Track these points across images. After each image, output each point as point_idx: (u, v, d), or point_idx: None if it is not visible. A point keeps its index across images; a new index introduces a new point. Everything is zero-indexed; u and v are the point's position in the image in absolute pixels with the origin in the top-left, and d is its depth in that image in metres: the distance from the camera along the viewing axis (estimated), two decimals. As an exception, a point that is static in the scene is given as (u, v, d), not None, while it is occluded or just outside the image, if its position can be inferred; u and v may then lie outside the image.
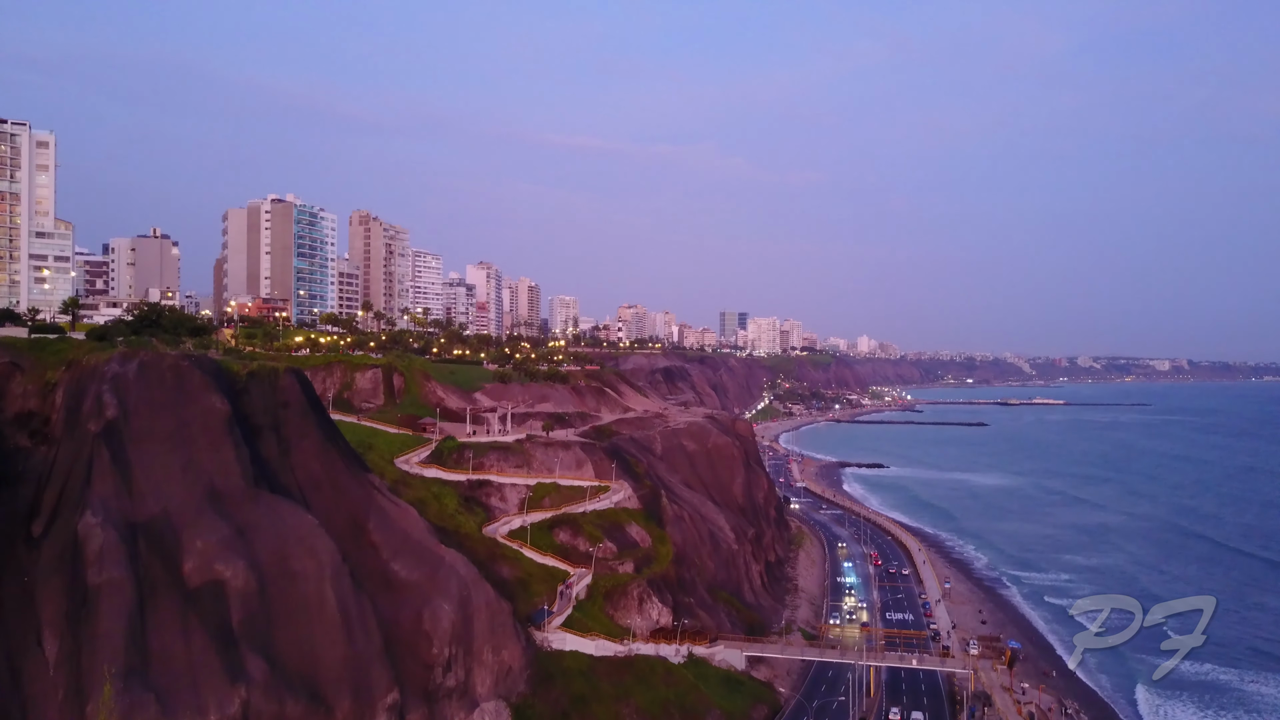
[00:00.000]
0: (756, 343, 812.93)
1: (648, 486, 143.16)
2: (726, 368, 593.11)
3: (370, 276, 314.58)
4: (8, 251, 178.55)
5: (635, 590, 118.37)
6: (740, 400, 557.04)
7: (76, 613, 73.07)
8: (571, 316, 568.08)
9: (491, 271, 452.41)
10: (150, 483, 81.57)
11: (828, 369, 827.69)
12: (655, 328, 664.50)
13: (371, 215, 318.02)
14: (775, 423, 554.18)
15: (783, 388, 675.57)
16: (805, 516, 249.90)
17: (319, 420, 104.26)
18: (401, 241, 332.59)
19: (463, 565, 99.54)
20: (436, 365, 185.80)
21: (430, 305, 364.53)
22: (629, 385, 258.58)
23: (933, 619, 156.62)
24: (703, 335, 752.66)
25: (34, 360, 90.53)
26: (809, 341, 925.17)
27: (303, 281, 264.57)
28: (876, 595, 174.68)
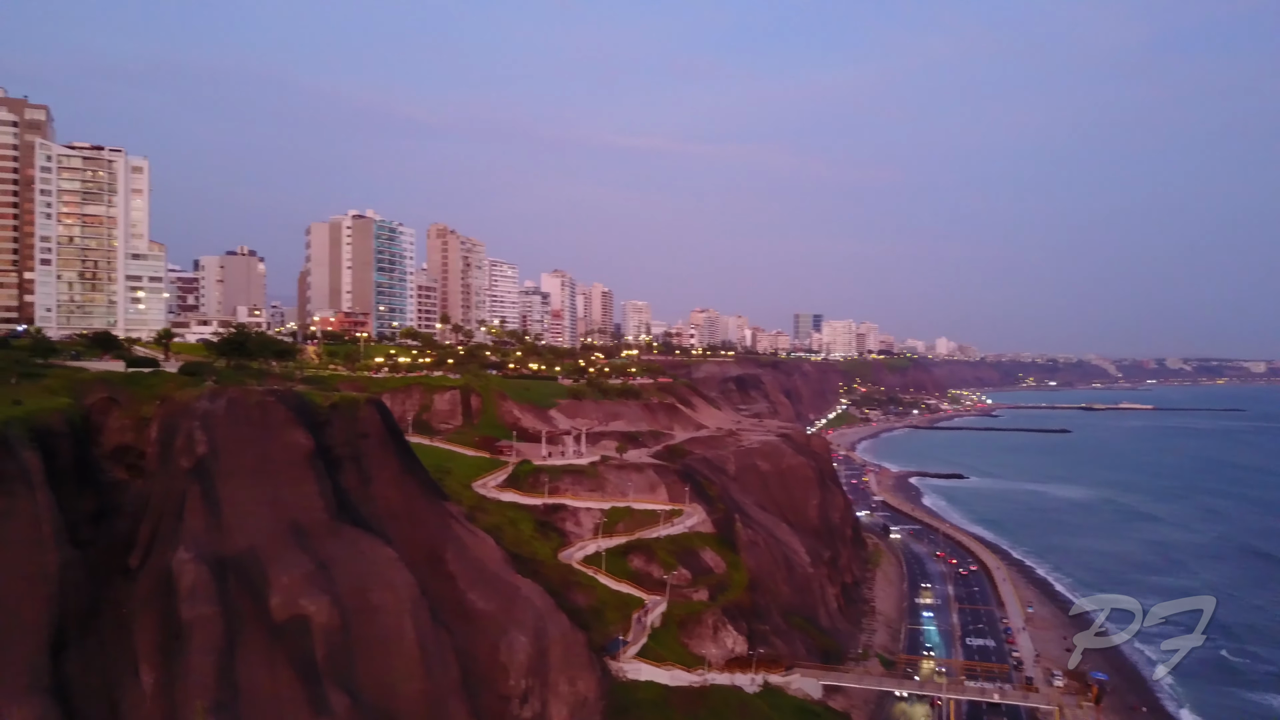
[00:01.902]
0: (831, 346, 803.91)
1: (721, 510, 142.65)
2: (800, 373, 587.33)
3: (448, 289, 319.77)
4: (105, 273, 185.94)
5: (710, 619, 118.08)
6: (815, 406, 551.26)
7: (170, 645, 75.88)
8: (644, 322, 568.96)
9: (565, 279, 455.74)
10: (238, 518, 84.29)
11: (905, 372, 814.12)
12: (728, 332, 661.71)
13: (449, 229, 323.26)
14: (851, 429, 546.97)
15: (859, 392, 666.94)
16: (882, 532, 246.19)
17: (398, 450, 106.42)
18: (478, 254, 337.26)
19: (538, 596, 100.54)
20: (512, 383, 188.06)
21: (506, 314, 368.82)
22: (701, 397, 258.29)
23: (1015, 647, 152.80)
24: (776, 339, 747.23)
25: (130, 395, 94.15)
26: (885, 344, 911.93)
27: (383, 296, 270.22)
28: (956, 619, 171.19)
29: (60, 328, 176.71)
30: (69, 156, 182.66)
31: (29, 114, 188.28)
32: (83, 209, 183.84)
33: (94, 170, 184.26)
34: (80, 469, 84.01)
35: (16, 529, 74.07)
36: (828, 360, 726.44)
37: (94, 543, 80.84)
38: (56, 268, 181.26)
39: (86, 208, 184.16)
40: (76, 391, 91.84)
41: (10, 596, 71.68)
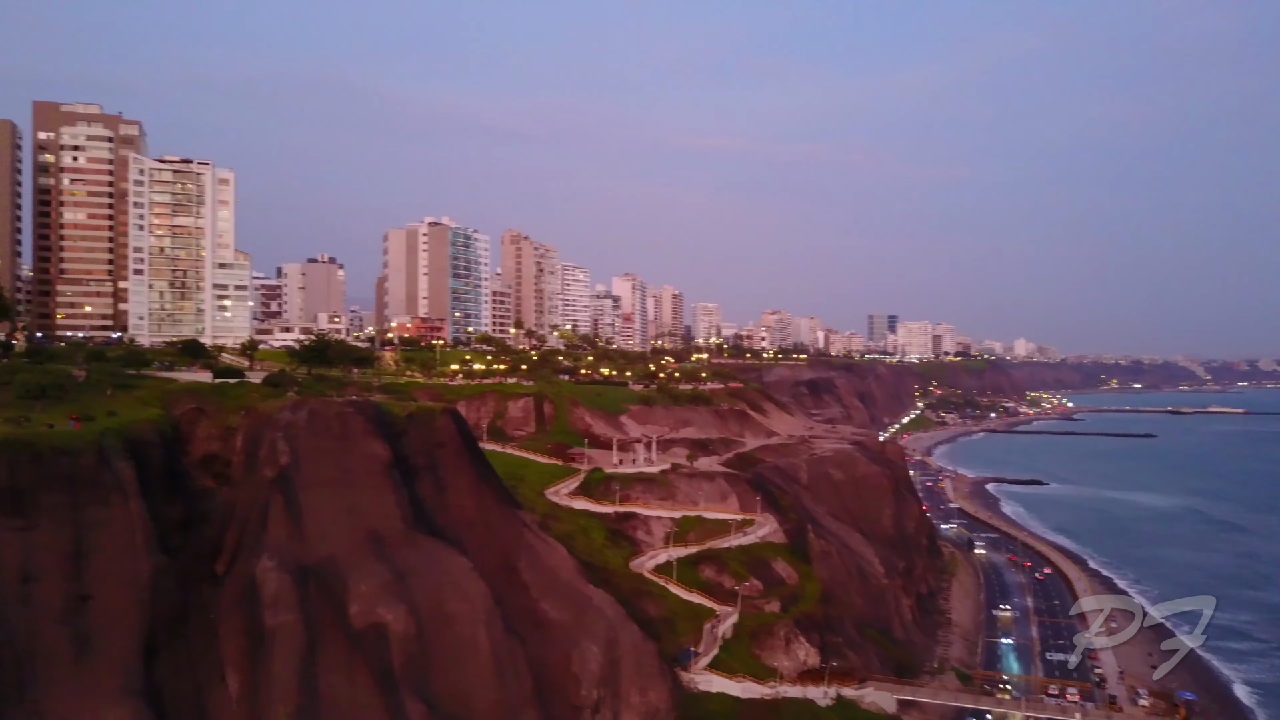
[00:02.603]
0: (907, 348, 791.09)
1: (793, 520, 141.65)
2: (875, 375, 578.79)
3: (522, 294, 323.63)
4: (194, 283, 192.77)
5: (782, 630, 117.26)
6: (889, 410, 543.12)
7: (254, 651, 78.33)
8: (714, 324, 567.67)
9: (636, 283, 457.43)
10: (318, 527, 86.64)
11: (982, 375, 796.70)
12: (800, 334, 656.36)
13: (523, 234, 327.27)
14: (927, 433, 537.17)
15: (935, 395, 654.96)
16: (959, 541, 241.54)
17: (473, 459, 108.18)
18: (551, 259, 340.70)
19: (610, 606, 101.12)
20: (583, 389, 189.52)
21: (578, 318, 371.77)
22: (773, 402, 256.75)
23: (1098, 663, 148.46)
24: (849, 340, 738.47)
25: (217, 405, 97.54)
26: (963, 346, 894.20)
27: (458, 301, 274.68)
28: (1035, 632, 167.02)
29: (152, 335, 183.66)
30: (160, 170, 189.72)
31: (123, 129, 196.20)
32: (173, 220, 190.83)
33: (183, 183, 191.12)
34: (170, 478, 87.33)
35: (112, 536, 77.31)
36: (903, 362, 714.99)
37: (183, 549, 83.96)
38: (148, 277, 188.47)
39: (176, 219, 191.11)
40: (167, 402, 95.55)
41: (106, 602, 74.82)
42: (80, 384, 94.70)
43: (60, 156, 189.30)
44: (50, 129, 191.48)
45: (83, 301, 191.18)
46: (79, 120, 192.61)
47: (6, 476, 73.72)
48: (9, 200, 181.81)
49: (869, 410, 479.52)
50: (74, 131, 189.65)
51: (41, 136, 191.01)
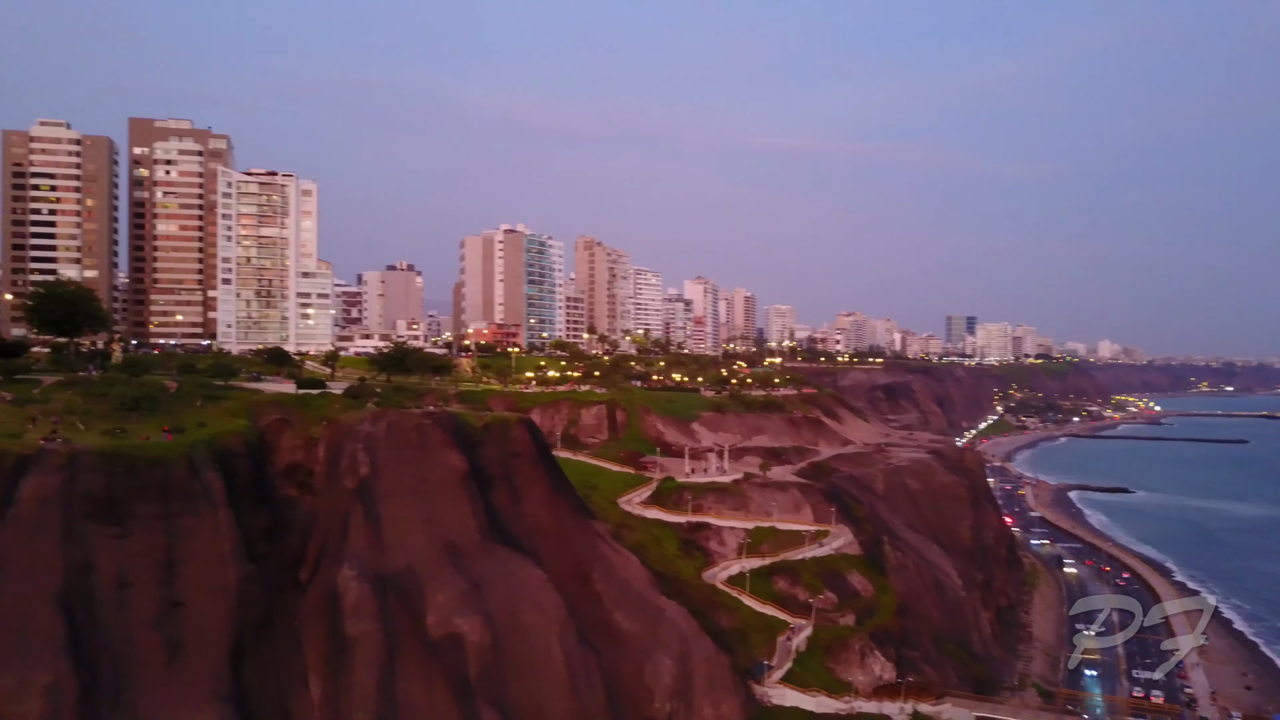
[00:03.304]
0: (986, 350, 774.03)
1: (869, 531, 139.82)
2: (953, 378, 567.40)
3: (594, 300, 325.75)
4: (279, 291, 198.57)
5: (857, 644, 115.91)
6: (968, 414, 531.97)
7: (336, 658, 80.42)
8: (788, 327, 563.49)
9: (708, 286, 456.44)
10: (397, 537, 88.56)
11: (1064, 377, 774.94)
12: (875, 336, 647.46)
13: (595, 240, 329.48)
14: (1007, 438, 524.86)
15: (1015, 399, 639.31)
16: (1040, 551, 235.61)
17: (548, 468, 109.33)
18: (623, 264, 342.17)
19: (683, 618, 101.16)
20: (655, 395, 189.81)
21: (650, 322, 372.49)
22: (847, 408, 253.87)
23: (1187, 682, 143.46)
24: (927, 342, 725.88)
25: (300, 416, 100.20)
26: (1044, 347, 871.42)
27: (533, 307, 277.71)
28: (1120, 648, 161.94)
29: (239, 342, 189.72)
30: (246, 182, 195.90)
31: (213, 143, 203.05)
32: (258, 231, 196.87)
33: (269, 195, 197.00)
34: (256, 487, 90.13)
35: (201, 545, 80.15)
36: (981, 365, 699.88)
37: (268, 557, 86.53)
38: (236, 286, 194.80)
39: (262, 229, 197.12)
40: (253, 413, 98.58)
41: (196, 608, 77.60)
42: (172, 395, 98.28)
43: (154, 170, 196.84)
44: (145, 144, 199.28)
45: (174, 310, 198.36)
46: (171, 135, 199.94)
47: (104, 487, 77.03)
48: (107, 213, 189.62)
49: (947, 415, 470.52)
50: (167, 146, 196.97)
51: (137, 151, 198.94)
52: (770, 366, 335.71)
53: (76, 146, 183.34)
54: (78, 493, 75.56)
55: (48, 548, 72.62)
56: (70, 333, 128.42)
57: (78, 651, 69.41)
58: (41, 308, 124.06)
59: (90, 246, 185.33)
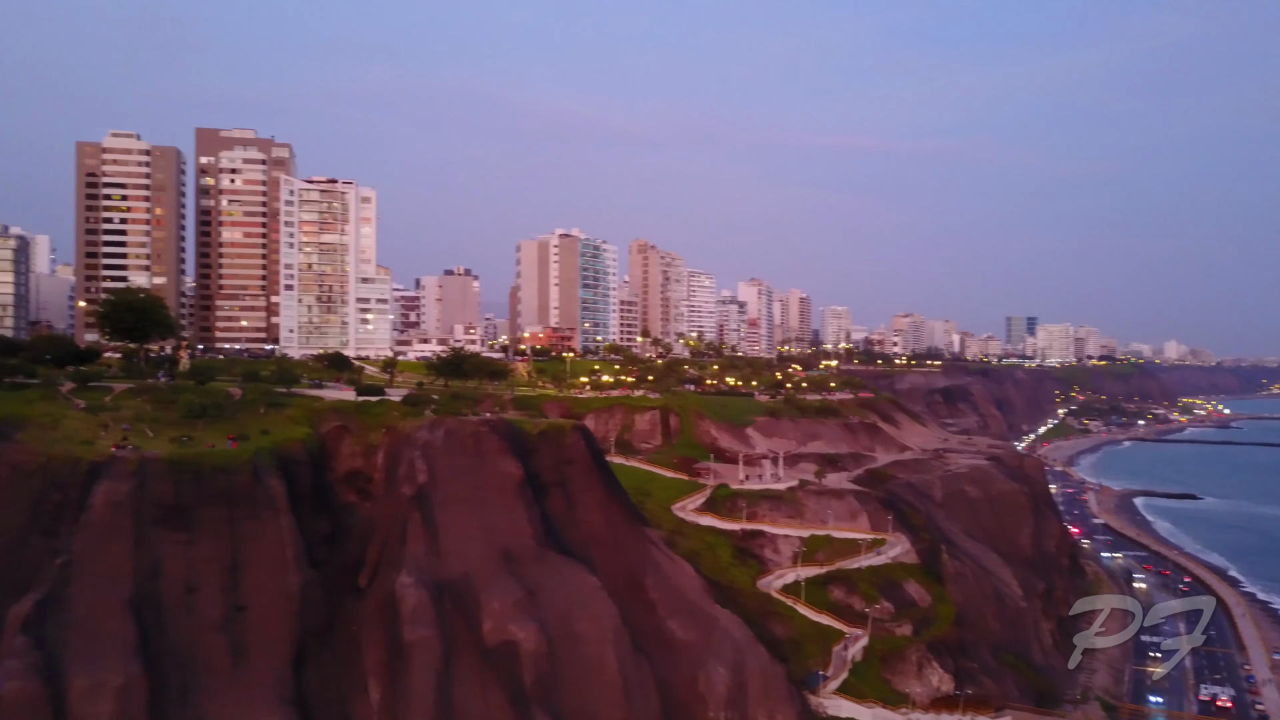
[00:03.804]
0: (1047, 351, 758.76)
1: (926, 539, 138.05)
2: (1013, 381, 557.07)
3: (648, 303, 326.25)
4: (339, 297, 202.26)
5: (914, 655, 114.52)
6: (1028, 417, 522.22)
7: (394, 664, 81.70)
8: (843, 329, 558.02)
9: (762, 288, 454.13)
10: (454, 544, 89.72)
11: (1129, 379, 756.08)
12: (933, 337, 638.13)
13: (649, 244, 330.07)
14: (1069, 441, 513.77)
15: (1077, 401, 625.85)
16: (1104, 559, 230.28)
17: (602, 475, 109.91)
18: (677, 267, 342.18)
19: (737, 627, 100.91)
20: (709, 400, 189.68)
21: (703, 324, 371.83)
22: (905, 413, 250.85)
23: (1260, 698, 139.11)
24: (986, 344, 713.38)
25: (360, 423, 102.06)
26: (1107, 349, 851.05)
27: (587, 311, 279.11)
28: (1188, 662, 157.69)
29: (300, 347, 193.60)
30: (308, 190, 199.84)
31: (275, 152, 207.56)
32: (319, 237, 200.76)
33: (329, 202, 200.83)
34: (317, 493, 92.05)
35: (264, 550, 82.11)
36: (1042, 367, 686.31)
37: (328, 563, 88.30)
38: (298, 292, 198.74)
39: (323, 236, 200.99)
40: (314, 420, 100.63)
41: (260, 612, 79.52)
42: (237, 402, 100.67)
43: (219, 179, 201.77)
44: (210, 153, 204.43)
45: (239, 315, 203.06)
46: (236, 144, 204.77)
47: (172, 493, 79.36)
48: (175, 221, 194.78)
49: (1006, 418, 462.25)
50: (231, 155, 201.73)
51: (203, 161, 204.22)
52: (826, 370, 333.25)
53: (146, 157, 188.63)
54: (147, 499, 77.99)
55: (119, 553, 75.07)
56: (140, 339, 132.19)
57: (147, 654, 71.62)
58: (113, 315, 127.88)
59: (159, 254, 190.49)
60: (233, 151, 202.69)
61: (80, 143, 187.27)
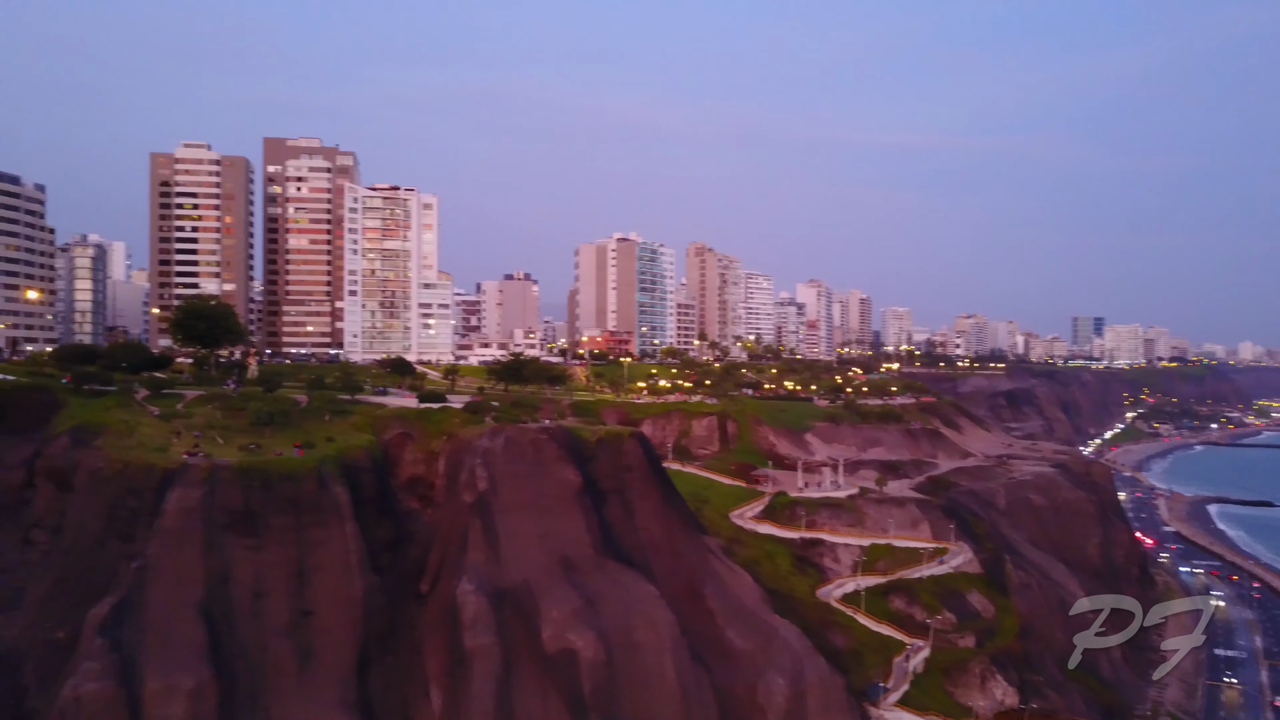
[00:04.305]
0: (1114, 352, 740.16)
1: (990, 549, 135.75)
2: (1079, 383, 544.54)
3: (705, 306, 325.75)
4: (401, 302, 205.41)
5: (977, 667, 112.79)
6: (1095, 420, 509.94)
7: (455, 670, 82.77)
8: (905, 330, 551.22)
9: (821, 289, 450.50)
10: (513, 551, 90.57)
11: (1201, 381, 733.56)
12: (997, 338, 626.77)
13: (706, 246, 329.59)
14: (1138, 446, 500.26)
15: (1147, 404, 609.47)
16: (1175, 570, 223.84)
17: (660, 483, 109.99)
18: (735, 269, 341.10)
19: (796, 637, 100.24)
20: (767, 405, 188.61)
21: (761, 327, 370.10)
22: (968, 418, 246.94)
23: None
24: (1051, 344, 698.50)
25: (422, 430, 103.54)
26: (1178, 350, 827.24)
27: (644, 315, 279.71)
28: (1265, 677, 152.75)
29: (364, 352, 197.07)
30: (371, 197, 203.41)
31: (340, 160, 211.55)
32: (382, 244, 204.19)
33: (392, 209, 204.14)
34: (380, 500, 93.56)
35: (330, 556, 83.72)
36: (1110, 368, 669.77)
37: (391, 569, 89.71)
38: (361, 298, 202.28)
39: (385, 242, 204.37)
40: (377, 427, 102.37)
41: (325, 617, 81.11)
42: (303, 410, 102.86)
43: (286, 187, 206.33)
44: (278, 162, 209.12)
45: (305, 320, 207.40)
46: (302, 153, 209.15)
47: (241, 500, 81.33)
48: (243, 228, 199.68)
49: (1073, 421, 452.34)
50: (298, 164, 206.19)
51: (270, 169, 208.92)
52: (886, 372, 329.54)
53: (216, 166, 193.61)
54: (218, 505, 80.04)
55: (191, 558, 77.15)
56: (210, 345, 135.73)
57: (217, 657, 73.54)
58: (185, 322, 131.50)
59: (228, 261, 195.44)
60: (299, 160, 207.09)
61: (154, 154, 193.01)
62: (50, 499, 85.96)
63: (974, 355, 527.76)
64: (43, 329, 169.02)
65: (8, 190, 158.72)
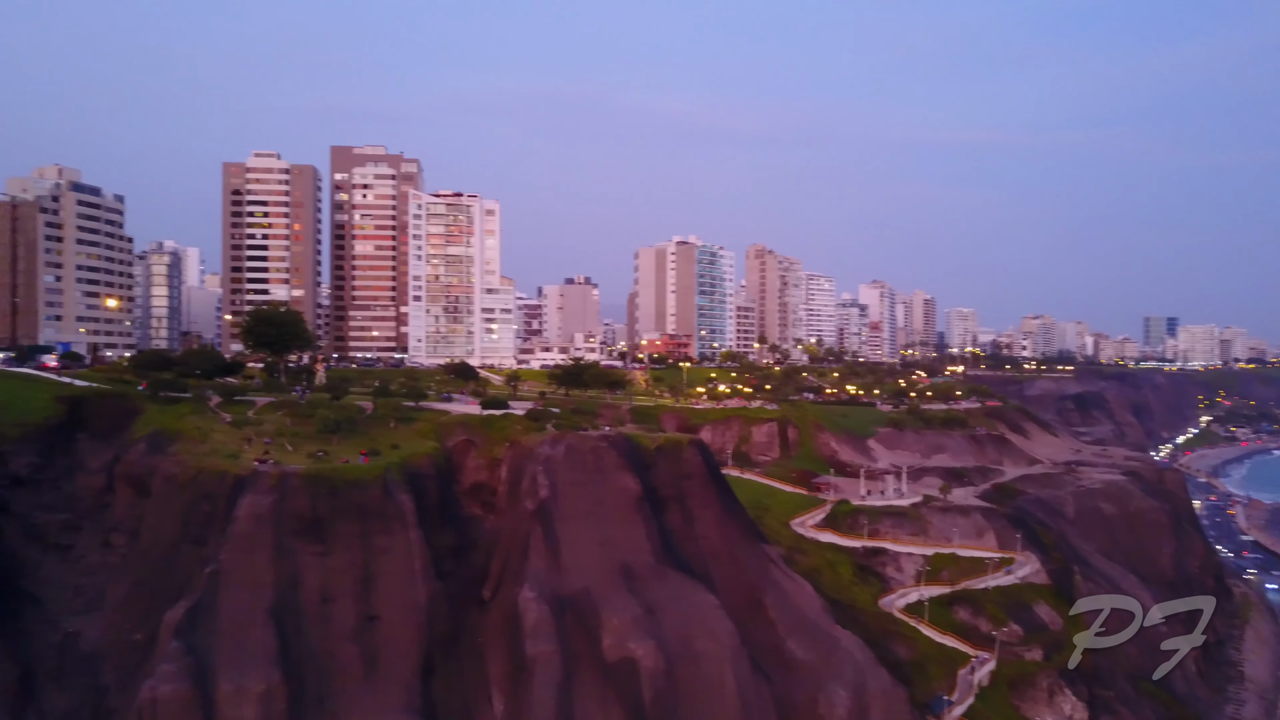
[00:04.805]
0: (1188, 354, 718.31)
1: (1057, 560, 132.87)
2: (1151, 385, 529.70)
3: (765, 309, 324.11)
4: (464, 307, 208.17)
5: (1045, 681, 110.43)
6: (1168, 423, 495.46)
7: (517, 677, 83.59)
8: (970, 331, 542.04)
9: (884, 290, 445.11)
10: (574, 559, 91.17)
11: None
12: (1065, 340, 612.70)
13: (767, 249, 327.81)
14: (1214, 450, 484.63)
15: (1223, 407, 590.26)
16: (1254, 580, 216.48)
17: (719, 490, 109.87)
18: (795, 271, 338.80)
19: (858, 649, 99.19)
20: (829, 411, 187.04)
21: (823, 329, 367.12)
22: (1035, 423, 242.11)
23: None
24: (1122, 346, 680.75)
25: (484, 437, 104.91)
26: (1256, 351, 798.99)
27: (704, 318, 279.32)
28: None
29: (428, 356, 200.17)
30: (435, 204, 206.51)
31: (404, 167, 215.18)
32: (446, 250, 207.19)
33: (455, 215, 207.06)
34: (443, 506, 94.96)
35: (394, 563, 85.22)
36: (1184, 370, 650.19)
37: (454, 575, 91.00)
38: (425, 303, 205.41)
39: (449, 248, 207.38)
40: (441, 434, 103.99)
41: (391, 623, 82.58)
42: (369, 417, 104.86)
43: (352, 195, 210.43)
44: (344, 170, 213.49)
45: (371, 325, 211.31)
46: (368, 161, 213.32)
47: (309, 507, 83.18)
48: (311, 235, 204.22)
49: (1144, 425, 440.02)
50: (364, 172, 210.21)
51: (338, 177, 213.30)
52: (951, 375, 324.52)
53: (286, 175, 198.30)
54: (287, 512, 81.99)
55: (262, 563, 79.18)
56: (280, 351, 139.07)
57: (287, 661, 75.36)
58: (255, 329, 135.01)
59: (297, 267, 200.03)
60: (365, 168, 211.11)
61: (227, 163, 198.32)
62: (129, 503, 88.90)
63: (1041, 357, 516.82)
64: (122, 335, 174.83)
65: (89, 202, 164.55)
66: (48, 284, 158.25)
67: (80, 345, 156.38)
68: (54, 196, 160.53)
